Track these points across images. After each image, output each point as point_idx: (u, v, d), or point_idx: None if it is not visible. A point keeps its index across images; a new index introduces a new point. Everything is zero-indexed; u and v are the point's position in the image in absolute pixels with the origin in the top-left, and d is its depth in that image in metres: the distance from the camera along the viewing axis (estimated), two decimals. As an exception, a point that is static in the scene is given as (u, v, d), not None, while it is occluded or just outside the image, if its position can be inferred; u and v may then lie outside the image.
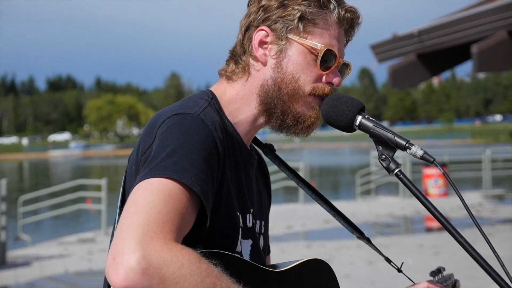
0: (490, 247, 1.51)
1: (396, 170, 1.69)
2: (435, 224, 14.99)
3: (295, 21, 1.82)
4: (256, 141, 2.06)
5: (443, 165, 20.91)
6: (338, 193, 28.52)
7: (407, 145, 1.68)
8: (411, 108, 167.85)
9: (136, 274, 1.37)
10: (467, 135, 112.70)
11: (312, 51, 1.82)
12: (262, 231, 1.99)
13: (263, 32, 1.84)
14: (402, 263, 2.13)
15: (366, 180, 22.74)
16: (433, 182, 20.63)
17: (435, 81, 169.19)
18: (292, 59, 1.83)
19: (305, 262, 1.87)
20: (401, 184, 21.13)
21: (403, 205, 18.67)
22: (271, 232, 13.93)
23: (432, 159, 1.64)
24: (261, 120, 1.89)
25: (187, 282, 1.42)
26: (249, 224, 1.87)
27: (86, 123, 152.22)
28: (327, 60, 1.84)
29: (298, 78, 1.82)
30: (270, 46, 1.84)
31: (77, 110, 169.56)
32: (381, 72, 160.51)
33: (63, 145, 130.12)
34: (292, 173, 2.08)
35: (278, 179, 19.88)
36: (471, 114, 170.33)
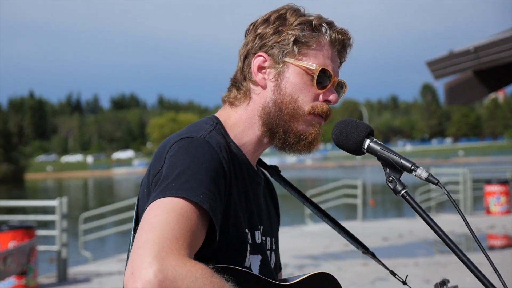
0: (492, 266, 1.54)
1: (403, 192, 1.75)
2: (497, 242, 14.73)
3: (290, 44, 1.93)
4: (261, 163, 2.15)
5: (505, 182, 20.51)
6: (399, 211, 28.23)
7: (412, 167, 1.74)
8: (475, 124, 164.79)
9: (153, 286, 1.47)
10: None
11: (308, 71, 1.92)
12: (274, 248, 2.07)
13: (261, 57, 1.96)
14: (407, 276, 2.19)
15: (426, 197, 22.47)
16: (495, 199, 20.26)
17: (500, 96, 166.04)
18: (290, 81, 1.93)
19: (313, 276, 1.95)
20: (462, 202, 20.85)
21: (464, 223, 18.32)
22: (329, 249, 13.99)
23: (436, 181, 1.69)
24: (265, 140, 1.99)
25: None
26: (258, 240, 1.95)
27: (149, 141, 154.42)
28: (323, 79, 1.94)
29: (297, 98, 1.93)
30: (268, 70, 1.95)
31: (140, 128, 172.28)
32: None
33: (127, 162, 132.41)
34: (297, 192, 2.17)
35: (339, 196, 19.95)
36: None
